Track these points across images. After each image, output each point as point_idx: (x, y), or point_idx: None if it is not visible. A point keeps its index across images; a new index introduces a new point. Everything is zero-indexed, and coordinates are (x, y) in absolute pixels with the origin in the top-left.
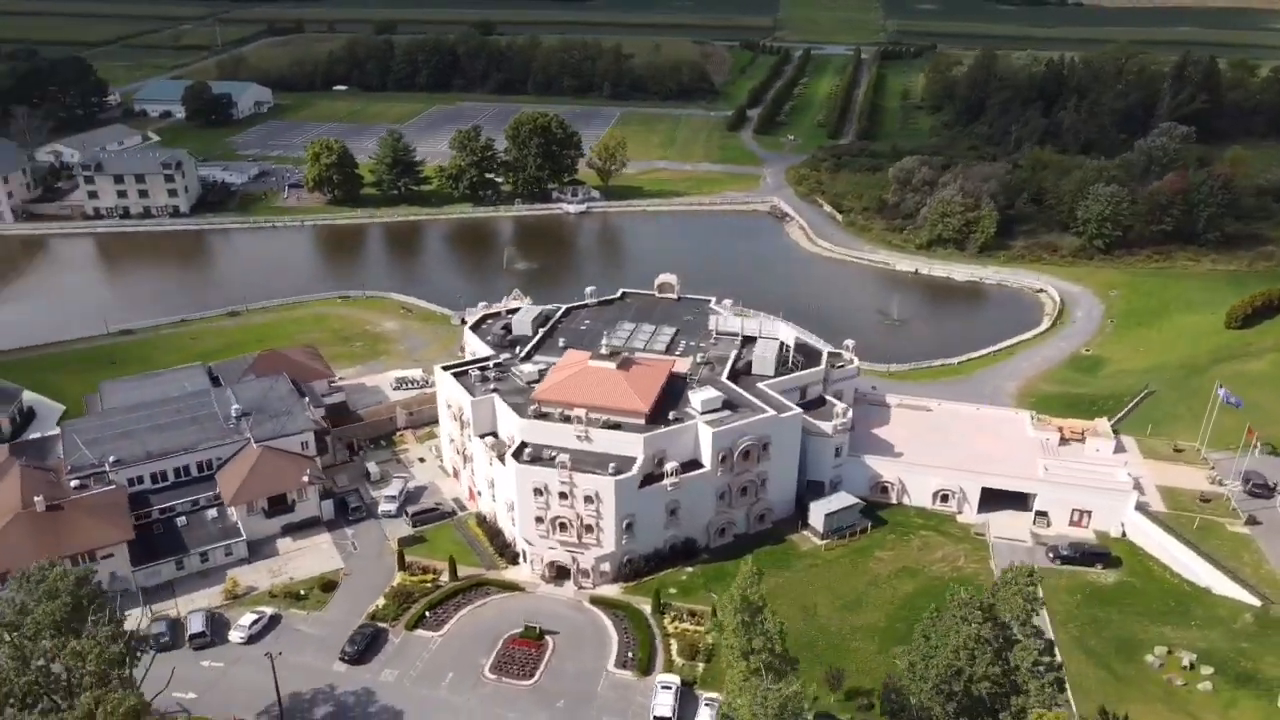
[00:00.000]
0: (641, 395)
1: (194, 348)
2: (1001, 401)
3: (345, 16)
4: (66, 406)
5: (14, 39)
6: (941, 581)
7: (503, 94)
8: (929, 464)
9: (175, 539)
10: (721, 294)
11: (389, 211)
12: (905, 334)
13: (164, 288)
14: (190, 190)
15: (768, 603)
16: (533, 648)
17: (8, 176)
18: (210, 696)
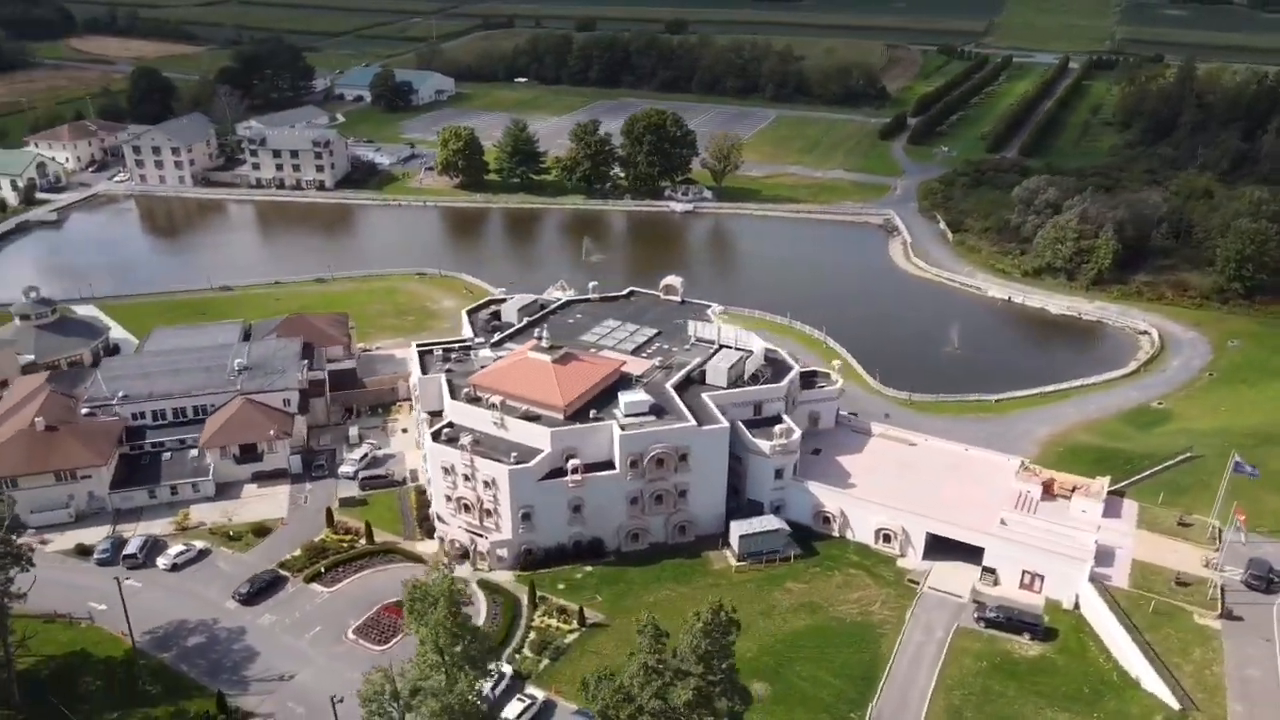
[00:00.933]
0: (564, 391)
1: (274, 307)
2: (1024, 447)
3: (552, 13)
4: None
5: (260, 27)
6: (840, 623)
7: (667, 92)
8: (872, 499)
9: (155, 471)
10: (792, 304)
11: (506, 198)
12: (964, 364)
13: (290, 251)
14: (337, 167)
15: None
16: (401, 617)
17: (192, 146)
18: (116, 611)
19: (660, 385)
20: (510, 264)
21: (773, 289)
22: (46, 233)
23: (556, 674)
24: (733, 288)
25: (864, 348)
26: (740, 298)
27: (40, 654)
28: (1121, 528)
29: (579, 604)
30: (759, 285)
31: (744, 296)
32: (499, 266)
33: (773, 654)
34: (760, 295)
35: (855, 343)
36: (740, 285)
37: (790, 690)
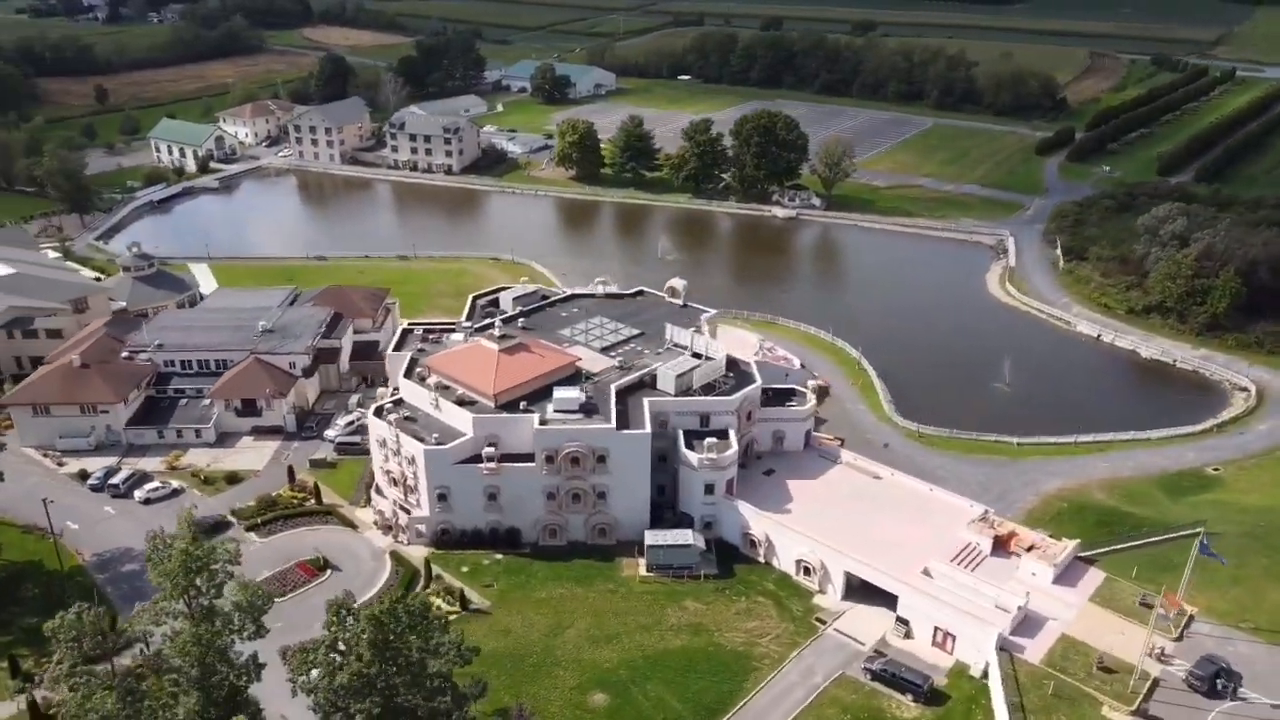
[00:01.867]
0: (498, 380)
1: (354, 279)
2: (1019, 497)
3: (742, 11)
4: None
5: (463, 20)
6: (718, 650)
7: (826, 95)
8: (795, 528)
9: (168, 414)
10: (856, 320)
11: (615, 193)
12: (1010, 402)
13: (405, 229)
14: (465, 153)
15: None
16: (310, 575)
17: (343, 127)
18: (84, 531)
19: (605, 386)
20: (590, 256)
21: (839, 303)
22: (209, 197)
23: None
24: (798, 298)
25: (906, 373)
26: (801, 309)
27: (5, 559)
28: (1071, 598)
29: (475, 587)
30: (827, 298)
31: (805, 308)
32: (579, 258)
33: (631, 668)
34: (823, 308)
35: (898, 367)
36: (806, 296)
37: (629, 706)
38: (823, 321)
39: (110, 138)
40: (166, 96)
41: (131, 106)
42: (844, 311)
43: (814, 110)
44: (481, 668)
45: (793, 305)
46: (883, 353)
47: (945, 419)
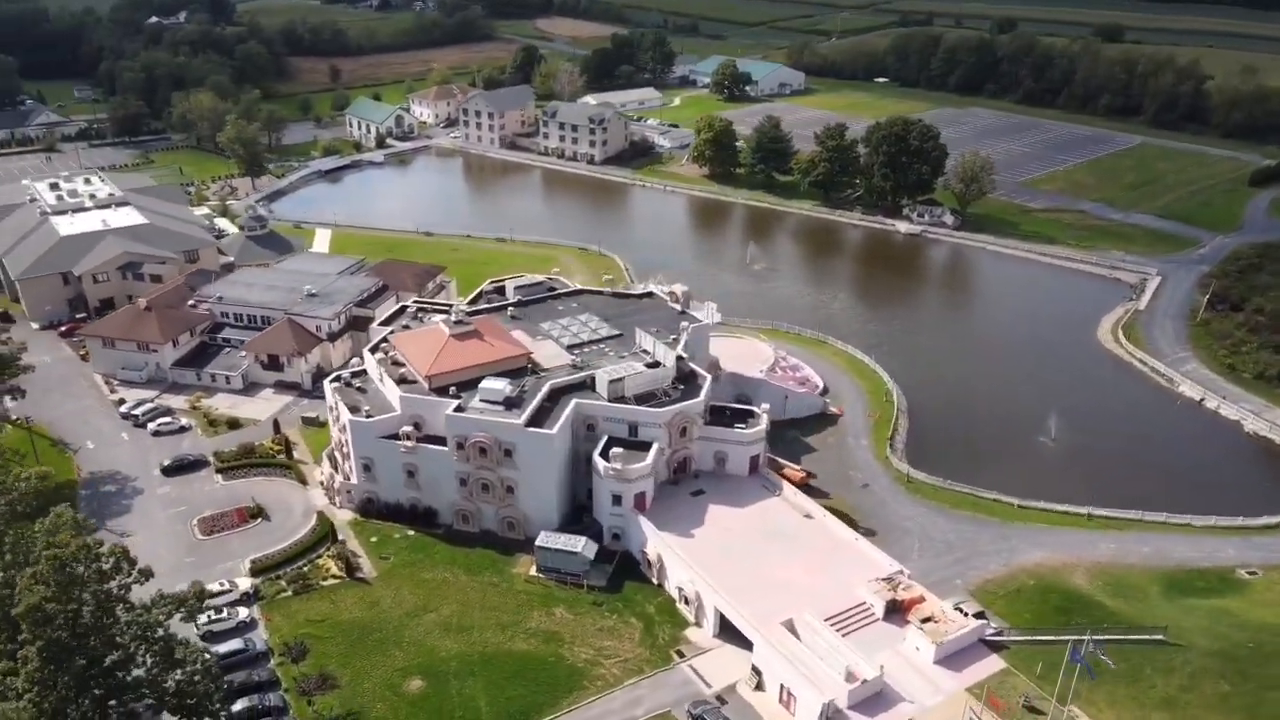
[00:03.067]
0: (436, 363)
1: (449, 256)
2: (982, 565)
3: (974, 12)
4: None
5: (684, 13)
6: (556, 662)
7: (1027, 105)
8: (681, 554)
9: (209, 359)
10: (931, 351)
11: (744, 194)
12: (1055, 459)
13: (536, 214)
14: (609, 144)
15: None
16: (242, 521)
17: (505, 113)
18: (97, 451)
19: (541, 382)
20: (689, 254)
21: (913, 328)
22: (373, 170)
23: (282, 605)
24: (871, 318)
25: (945, 413)
26: (865, 331)
27: (31, 467)
28: (946, 683)
29: (373, 557)
30: (904, 322)
31: (871, 330)
32: (676, 254)
33: (464, 662)
34: (892, 333)
35: (941, 405)
36: (879, 317)
37: (436, 698)
38: (879, 346)
39: (324, 112)
40: (389, 78)
41: (357, 86)
42: (913, 339)
43: (1003, 121)
44: (330, 633)
45: (859, 326)
46: (934, 388)
47: (961, 469)
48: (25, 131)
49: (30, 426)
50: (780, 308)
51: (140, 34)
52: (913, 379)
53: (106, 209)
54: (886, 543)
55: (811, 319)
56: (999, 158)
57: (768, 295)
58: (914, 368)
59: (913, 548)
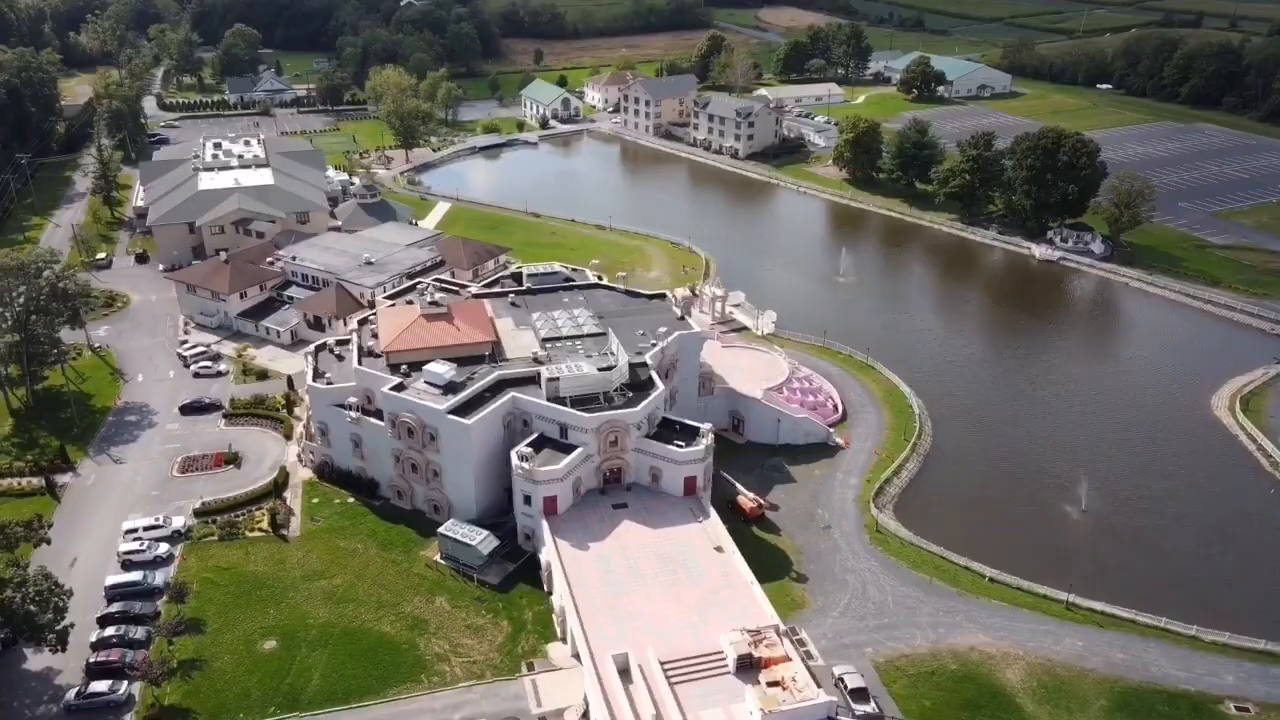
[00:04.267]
0: (396, 340)
1: (543, 238)
2: (900, 637)
3: (1255, 14)
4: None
5: (911, 5)
6: (410, 650)
7: (1271, 123)
8: (559, 567)
9: (268, 313)
10: (985, 398)
11: (874, 201)
12: (1081, 536)
13: (655, 205)
14: (755, 139)
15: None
16: (218, 464)
17: (661, 101)
18: (143, 384)
19: (492, 371)
20: (784, 258)
21: (989, 365)
22: (526, 150)
23: (202, 548)
24: (948, 347)
25: (973, 463)
26: (931, 359)
27: (83, 385)
28: None
29: (305, 518)
30: (984, 356)
31: (941, 359)
32: (771, 256)
33: (325, 632)
34: (966, 369)
35: (970, 455)
36: (959, 348)
37: (280, 662)
38: (937, 379)
39: (510, 93)
40: (590, 62)
41: (556, 68)
42: (981, 374)
43: (1232, 140)
44: (225, 582)
45: (927, 354)
46: (976, 434)
47: (956, 528)
48: (252, 96)
49: (103, 354)
50: (851, 325)
51: (378, 13)
52: (956, 421)
53: (246, 169)
54: (814, 592)
55: (877, 340)
56: (1204, 182)
57: (844, 310)
58: (964, 408)
59: (839, 603)
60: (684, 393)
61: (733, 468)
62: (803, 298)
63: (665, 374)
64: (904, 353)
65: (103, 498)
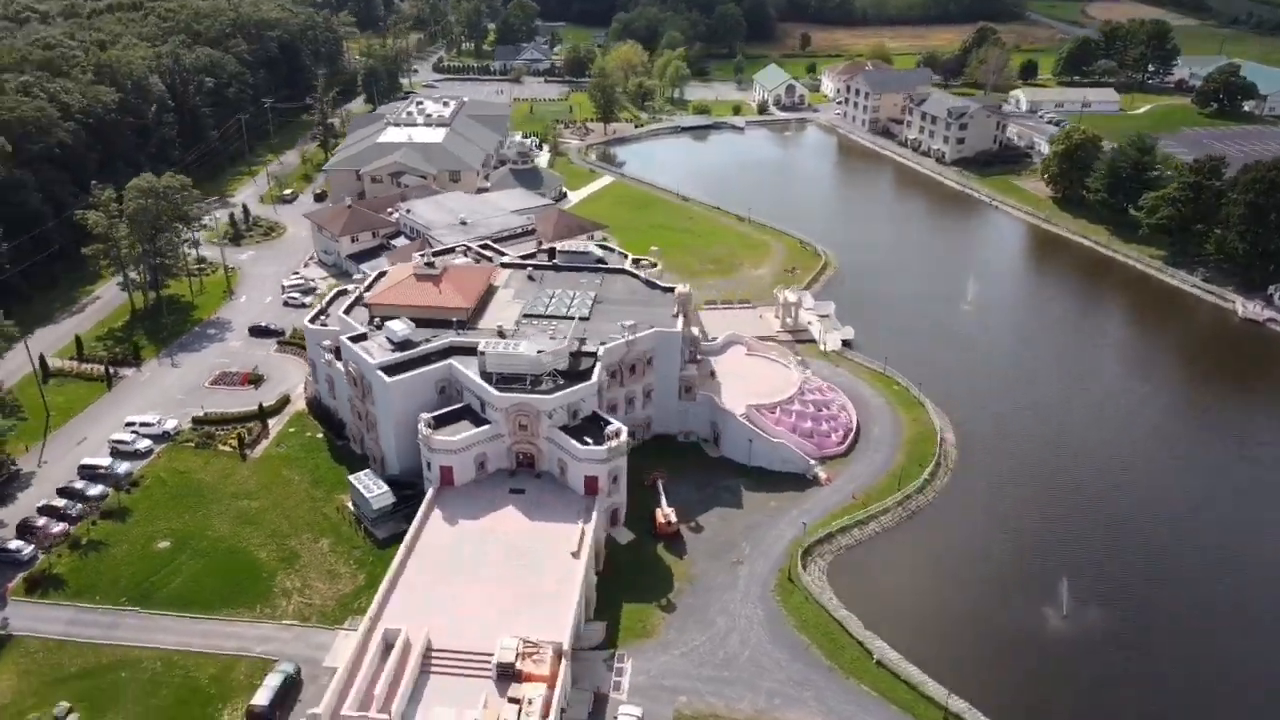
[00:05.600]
0: (379, 294)
1: (679, 223)
2: (707, 698)
3: None
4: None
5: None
6: (269, 581)
7: None
8: (412, 541)
9: (368, 258)
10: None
11: (1072, 225)
12: (1044, 643)
13: (809, 196)
14: (967, 143)
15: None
16: (244, 382)
17: (881, 95)
18: (243, 304)
19: (449, 337)
20: (916, 273)
21: (1068, 426)
22: (731, 134)
23: (175, 451)
24: (1040, 397)
25: (968, 537)
26: (1005, 404)
27: (197, 297)
28: None
29: (273, 445)
30: (1083, 410)
31: (1019, 408)
32: (901, 270)
33: (213, 542)
34: (1037, 428)
35: (973, 529)
36: (1051, 399)
37: (163, 559)
38: (994, 430)
39: (749, 75)
40: (857, 50)
41: (821, 54)
42: (1051, 433)
43: None
44: (173, 482)
45: (1012, 399)
46: (993, 505)
47: (890, 606)
48: (512, 64)
49: (230, 274)
50: (938, 357)
51: None
52: (994, 481)
53: (426, 127)
54: (671, 626)
55: (958, 379)
56: None
57: (941, 339)
58: (1003, 468)
59: (688, 643)
60: (662, 392)
61: (685, 480)
62: (906, 319)
63: (633, 369)
64: (978, 398)
65: (141, 393)
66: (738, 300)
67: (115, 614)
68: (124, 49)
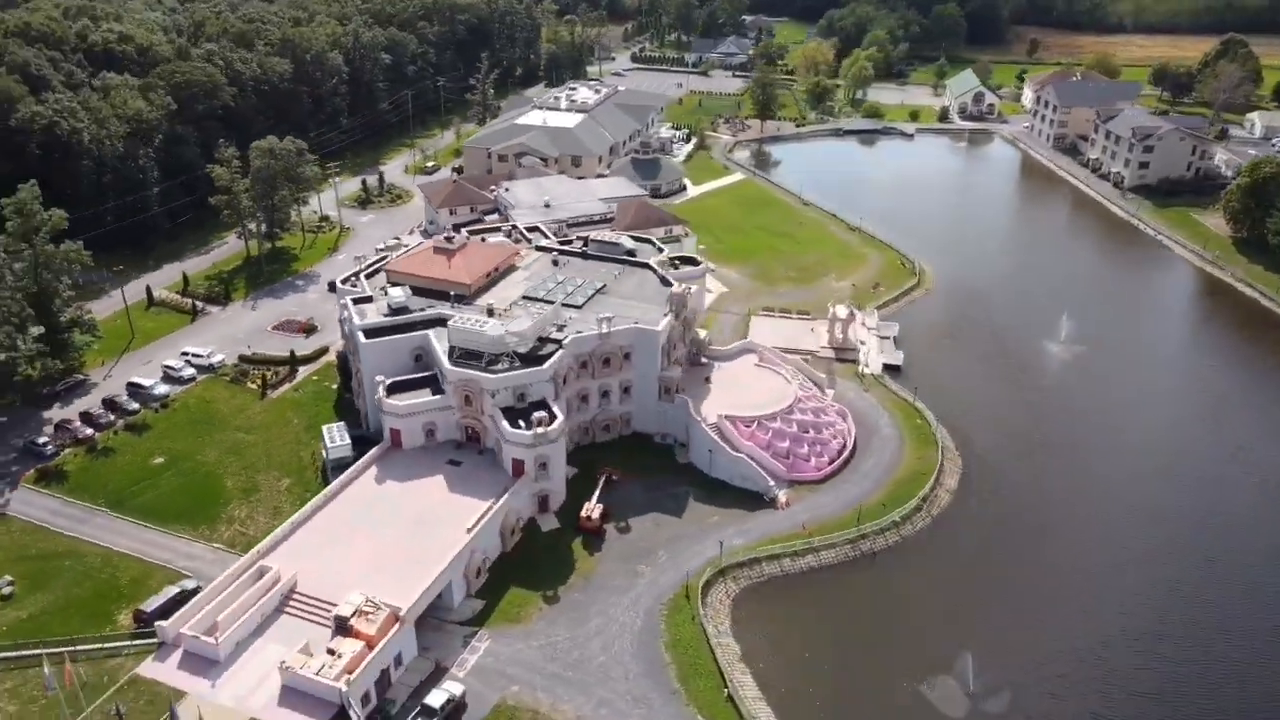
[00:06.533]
0: (398, 263)
1: (786, 227)
2: (565, 695)
3: None
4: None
5: None
6: (222, 506)
7: None
8: (334, 486)
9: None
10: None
11: (1244, 270)
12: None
13: (931, 216)
14: (1152, 168)
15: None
16: (300, 330)
17: (1071, 109)
18: (341, 260)
19: (438, 309)
20: (1020, 313)
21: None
22: (899, 140)
23: (214, 383)
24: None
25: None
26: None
27: (305, 250)
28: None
29: (291, 389)
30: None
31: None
32: (1006, 309)
33: (197, 464)
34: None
35: (959, 567)
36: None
37: (157, 473)
38: (988, 464)
39: (944, 78)
40: (1087, 59)
41: (1048, 61)
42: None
43: None
44: (195, 408)
45: (1069, 446)
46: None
47: (779, 648)
48: (707, 56)
49: (341, 232)
50: (992, 398)
51: None
52: (966, 542)
53: (567, 113)
54: (546, 617)
55: (1005, 423)
56: None
57: (1009, 378)
58: (989, 534)
59: (551, 636)
60: (641, 390)
61: (639, 481)
62: (979, 349)
63: (606, 362)
64: (1006, 445)
65: (214, 329)
66: (796, 311)
67: (89, 512)
68: (313, 26)
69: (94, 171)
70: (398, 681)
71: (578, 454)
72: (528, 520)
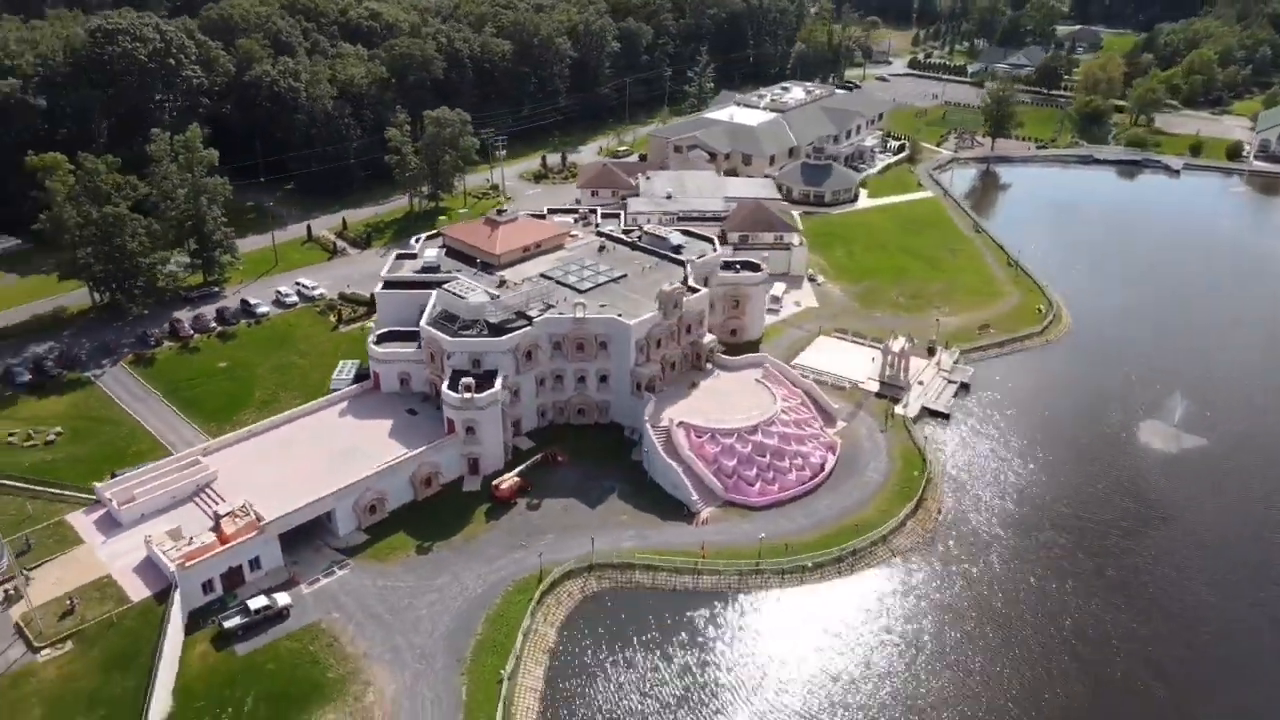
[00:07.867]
0: (453, 230)
1: (934, 250)
2: (373, 634)
3: None
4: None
5: None
6: (236, 405)
7: None
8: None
9: None
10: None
11: None
12: None
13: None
14: None
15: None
16: (362, 307)
17: None
18: None
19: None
20: (1147, 386)
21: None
22: (1161, 177)
23: (302, 311)
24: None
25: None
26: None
27: (466, 207)
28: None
29: (360, 329)
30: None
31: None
32: (1138, 380)
33: (248, 371)
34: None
35: None
36: None
37: (208, 377)
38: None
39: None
40: None
41: None
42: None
43: None
44: (278, 325)
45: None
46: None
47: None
48: (996, 66)
49: (503, 198)
50: (1029, 476)
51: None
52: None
53: (760, 110)
54: (412, 566)
55: (1028, 512)
56: None
57: (1074, 452)
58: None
59: (400, 582)
60: (618, 382)
61: (580, 468)
62: (1059, 414)
63: (580, 347)
64: (1021, 536)
65: (341, 268)
66: (872, 337)
67: (147, 393)
68: (548, 13)
69: (306, 125)
70: (251, 582)
71: (546, 431)
72: (456, 479)
